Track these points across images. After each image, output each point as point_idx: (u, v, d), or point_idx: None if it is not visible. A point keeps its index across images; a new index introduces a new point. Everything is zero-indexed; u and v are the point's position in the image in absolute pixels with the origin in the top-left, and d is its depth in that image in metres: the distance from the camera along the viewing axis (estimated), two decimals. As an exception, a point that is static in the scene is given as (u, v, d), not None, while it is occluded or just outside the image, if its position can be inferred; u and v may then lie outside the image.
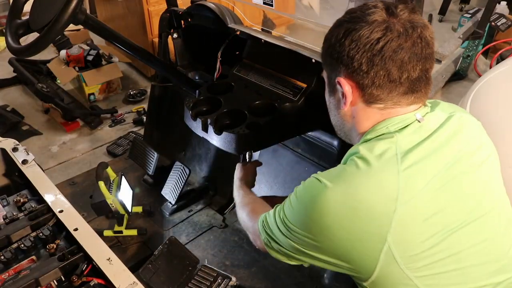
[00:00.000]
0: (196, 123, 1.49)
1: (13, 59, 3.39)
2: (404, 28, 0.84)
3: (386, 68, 0.84)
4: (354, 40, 0.85)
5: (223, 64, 1.77)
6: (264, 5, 1.67)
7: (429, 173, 0.85)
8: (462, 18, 3.91)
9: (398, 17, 0.85)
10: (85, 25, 1.45)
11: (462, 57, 3.40)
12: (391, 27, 0.83)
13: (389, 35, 0.83)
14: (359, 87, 0.88)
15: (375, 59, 0.84)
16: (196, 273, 1.64)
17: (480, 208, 0.90)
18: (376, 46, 0.83)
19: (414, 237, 0.82)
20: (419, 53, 0.85)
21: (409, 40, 0.84)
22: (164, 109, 2.25)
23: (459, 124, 0.95)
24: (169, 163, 2.15)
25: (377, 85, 0.86)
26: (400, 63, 0.84)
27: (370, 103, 0.90)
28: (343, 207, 0.81)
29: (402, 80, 0.85)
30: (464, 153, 0.92)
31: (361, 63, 0.85)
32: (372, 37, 0.83)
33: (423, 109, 0.92)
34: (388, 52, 0.83)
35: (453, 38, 3.20)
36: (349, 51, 0.86)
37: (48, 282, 1.09)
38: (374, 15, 0.84)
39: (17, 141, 1.52)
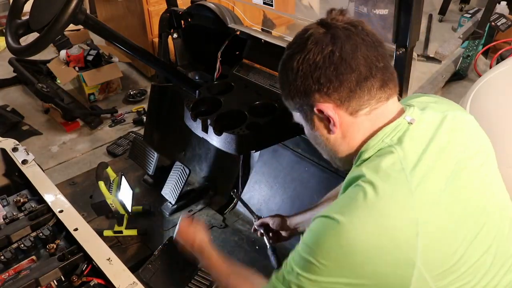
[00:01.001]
0: (196, 123, 1.49)
1: (13, 59, 3.39)
2: (347, 29, 0.83)
3: (355, 70, 0.82)
4: (312, 64, 0.83)
5: (223, 64, 1.77)
6: (264, 5, 1.67)
7: (439, 186, 0.83)
8: (462, 18, 3.91)
9: (336, 24, 0.84)
10: (85, 25, 1.45)
11: (462, 57, 3.40)
12: (335, 34, 0.83)
13: (339, 42, 0.82)
14: (340, 103, 0.85)
15: (341, 68, 0.82)
16: (196, 273, 1.64)
17: (485, 214, 0.89)
18: (334, 57, 0.82)
19: (440, 255, 0.80)
20: (372, 43, 0.84)
21: (358, 37, 0.83)
22: (164, 109, 2.25)
23: (455, 126, 0.93)
24: (169, 163, 2.15)
25: (354, 91, 0.84)
26: (363, 59, 0.83)
27: (355, 113, 0.86)
28: (366, 241, 0.76)
29: (373, 73, 0.84)
30: (465, 157, 0.90)
31: (330, 80, 0.83)
32: (325, 52, 0.82)
33: (409, 110, 0.91)
34: (347, 56, 0.82)
35: (453, 38, 3.21)
36: (313, 77, 0.84)
37: (48, 282, 1.09)
38: (314, 35, 0.84)
39: (17, 141, 1.52)
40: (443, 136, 0.89)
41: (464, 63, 3.42)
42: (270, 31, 1.87)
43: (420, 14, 1.15)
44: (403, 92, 1.30)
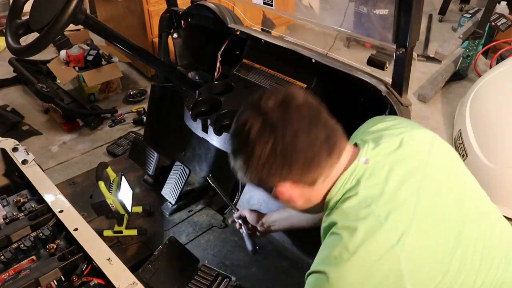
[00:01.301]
0: (196, 123, 1.50)
1: (13, 59, 3.39)
2: (280, 116, 0.85)
3: (300, 154, 0.85)
4: (260, 158, 0.86)
5: (223, 64, 1.77)
6: (264, 5, 1.68)
7: (407, 211, 0.85)
8: (462, 18, 3.91)
9: (268, 111, 0.86)
10: (85, 25, 1.45)
11: (462, 57, 3.41)
12: (273, 124, 0.85)
13: (279, 132, 0.84)
14: (296, 181, 0.89)
15: (287, 157, 0.85)
16: (196, 273, 1.64)
17: (461, 218, 0.91)
18: (278, 149, 0.84)
19: (427, 272, 0.84)
20: (309, 117, 0.86)
21: (295, 119, 0.85)
22: (164, 109, 2.25)
23: (413, 145, 0.95)
24: (169, 163, 2.14)
25: (305, 169, 0.87)
26: (305, 141, 0.85)
27: (313, 184, 0.90)
28: (357, 283, 0.81)
29: (318, 149, 0.86)
30: (428, 172, 0.92)
31: (281, 168, 0.86)
32: (269, 146, 0.84)
33: (363, 149, 0.93)
34: (290, 145, 0.84)
35: (453, 38, 3.21)
36: (264, 168, 0.87)
37: (48, 282, 1.09)
38: (253, 129, 0.86)
39: (17, 141, 1.52)
40: (402, 160, 0.92)
41: (464, 63, 3.42)
42: (270, 31, 1.87)
43: (420, 14, 1.15)
44: (403, 92, 1.30)
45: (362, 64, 1.40)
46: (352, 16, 3.65)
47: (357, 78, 1.36)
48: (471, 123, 2.61)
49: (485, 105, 2.68)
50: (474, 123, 2.59)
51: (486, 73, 2.96)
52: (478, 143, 2.46)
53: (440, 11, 4.41)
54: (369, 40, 3.55)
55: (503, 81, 2.71)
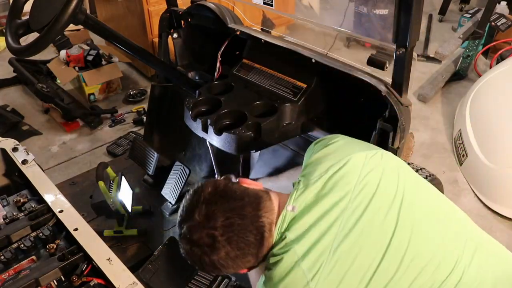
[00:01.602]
0: (196, 123, 1.49)
1: (13, 59, 3.39)
2: (211, 246, 0.95)
3: (240, 261, 0.98)
4: (213, 270, 0.99)
5: (223, 64, 1.77)
6: (264, 5, 1.67)
7: (327, 247, 0.93)
8: (462, 18, 3.91)
9: (200, 242, 0.95)
10: (85, 25, 1.45)
11: (462, 57, 3.41)
12: (209, 254, 0.95)
13: (215, 256, 0.95)
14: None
15: (230, 269, 0.99)
16: (196, 273, 1.64)
17: (385, 242, 0.94)
18: (222, 265, 0.97)
19: None
20: (236, 240, 0.95)
21: (222, 246, 0.95)
22: (164, 109, 2.25)
23: (341, 176, 0.99)
24: (169, 163, 2.15)
25: (250, 264, 1.01)
26: (239, 255, 0.96)
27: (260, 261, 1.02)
28: None
29: (252, 250, 0.97)
30: (352, 208, 0.96)
31: (231, 270, 1.00)
32: (212, 265, 0.97)
33: (292, 196, 1.01)
34: (227, 261, 0.97)
35: (453, 38, 3.21)
36: (220, 273, 1.04)
37: (48, 282, 1.09)
38: (195, 256, 0.97)
39: (17, 141, 1.52)
40: (327, 198, 0.97)
41: (464, 63, 3.42)
42: (270, 31, 1.87)
43: (420, 14, 1.15)
44: (403, 92, 1.30)
45: (362, 64, 1.40)
46: (352, 16, 3.65)
47: (357, 78, 1.36)
48: (471, 123, 2.61)
49: (485, 105, 2.68)
50: (474, 123, 2.59)
51: (486, 73, 2.96)
52: (478, 143, 2.46)
53: (440, 11, 4.41)
54: (369, 40, 3.55)
55: (503, 81, 2.71)
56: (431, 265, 0.93)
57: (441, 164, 2.63)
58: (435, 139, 2.85)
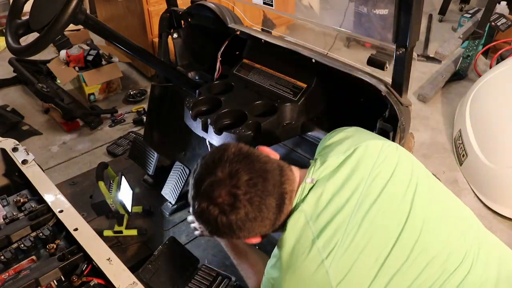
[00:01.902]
0: (196, 123, 1.49)
1: (13, 59, 3.39)
2: (232, 205, 0.93)
3: (256, 226, 0.96)
4: (225, 231, 0.97)
5: (223, 64, 1.77)
6: (264, 5, 1.67)
7: (343, 225, 0.93)
8: (462, 18, 3.91)
9: (220, 200, 0.93)
10: (85, 25, 1.45)
11: (462, 57, 3.41)
12: (228, 212, 0.93)
13: (233, 216, 0.93)
14: (256, 236, 1.02)
15: (245, 232, 0.97)
16: (196, 273, 1.64)
17: (398, 229, 0.94)
18: (238, 227, 0.95)
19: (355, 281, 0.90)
20: (258, 200, 0.94)
21: (243, 206, 0.93)
22: (164, 109, 2.25)
23: (364, 155, 1.01)
24: (169, 163, 2.15)
25: (265, 230, 0.99)
26: (257, 218, 0.95)
27: (273, 231, 1.01)
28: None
29: (271, 216, 0.96)
30: (369, 188, 0.97)
31: (244, 236, 0.98)
32: (228, 226, 0.94)
33: (310, 169, 1.01)
34: (245, 223, 0.95)
35: (453, 38, 3.21)
36: (228, 236, 0.99)
37: (48, 282, 1.09)
38: (212, 215, 0.94)
39: (17, 141, 1.52)
40: (346, 175, 0.98)
41: (464, 63, 3.42)
42: (270, 31, 1.87)
43: (420, 14, 1.15)
44: (403, 92, 1.30)
45: (362, 64, 1.40)
46: (352, 16, 3.65)
47: (357, 78, 1.36)
48: (471, 123, 2.61)
49: (485, 105, 2.68)
50: (474, 123, 2.59)
51: (486, 73, 2.96)
52: (478, 143, 2.46)
53: (440, 11, 4.41)
54: (369, 40, 3.55)
55: (503, 81, 2.71)
56: (440, 256, 0.93)
57: (441, 164, 2.63)
58: (435, 139, 2.85)
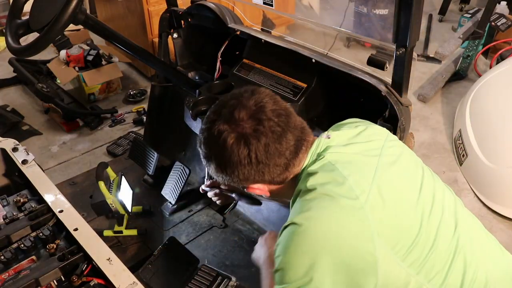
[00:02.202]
0: (196, 122, 1.50)
1: (13, 59, 3.39)
2: (253, 128, 0.91)
3: (271, 164, 0.94)
4: (234, 163, 0.93)
5: (223, 64, 1.77)
6: (264, 5, 1.67)
7: (370, 172, 0.93)
8: (462, 18, 3.91)
9: (241, 124, 0.91)
10: (85, 25, 1.45)
11: (462, 57, 3.41)
12: (246, 136, 0.91)
13: (253, 143, 0.91)
14: (267, 184, 1.00)
15: (260, 166, 0.93)
16: (196, 273, 1.64)
17: (423, 199, 0.97)
18: (252, 159, 0.92)
19: (395, 228, 0.88)
20: (279, 131, 0.93)
21: (265, 130, 0.91)
22: (164, 109, 2.25)
23: (371, 134, 1.05)
24: (169, 163, 2.15)
25: (276, 175, 0.96)
26: (277, 150, 0.93)
27: (282, 182, 0.99)
28: (325, 227, 0.86)
29: (288, 155, 0.95)
30: (384, 155, 1.00)
31: (253, 173, 0.94)
32: (243, 155, 0.91)
33: (325, 132, 1.04)
34: (262, 153, 0.91)
35: (453, 38, 3.21)
36: (238, 172, 0.94)
37: (48, 282, 1.09)
38: (228, 141, 0.91)
39: (17, 141, 1.52)
40: (361, 139, 1.02)
41: (464, 63, 3.42)
42: (270, 31, 1.87)
43: (420, 14, 1.15)
44: (403, 92, 1.30)
45: (362, 64, 1.40)
46: (352, 16, 3.66)
47: (357, 78, 1.36)
48: (471, 123, 2.61)
49: (485, 105, 2.68)
50: (474, 123, 2.59)
51: (486, 73, 2.96)
52: (478, 143, 2.46)
53: (440, 11, 4.41)
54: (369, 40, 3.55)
55: (503, 81, 2.71)
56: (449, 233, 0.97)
57: (441, 164, 2.63)
58: (435, 139, 2.85)
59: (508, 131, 2.38)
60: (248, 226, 1.89)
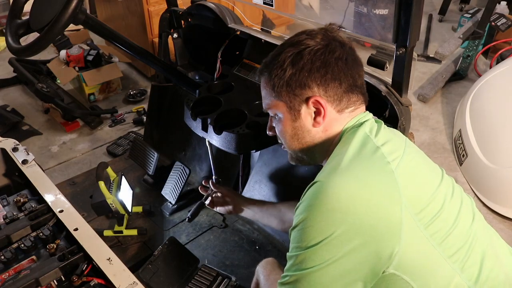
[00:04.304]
0: (196, 122, 1.50)
1: (13, 59, 3.38)
2: (349, 46, 0.99)
3: (353, 77, 0.98)
4: (323, 60, 0.96)
5: (223, 64, 1.77)
6: (264, 5, 1.68)
7: (400, 147, 0.97)
8: (462, 18, 3.91)
9: (342, 38, 0.99)
10: (85, 25, 1.45)
11: (462, 57, 3.41)
12: (343, 43, 0.98)
13: (346, 49, 0.97)
14: (332, 100, 0.98)
15: (344, 72, 0.97)
16: (196, 273, 1.64)
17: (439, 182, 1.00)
18: (342, 61, 0.96)
19: (417, 190, 0.91)
20: (352, 60, 0.99)
21: (342, 48, 0.97)
22: (164, 109, 2.25)
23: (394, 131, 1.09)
24: (169, 163, 2.15)
25: (347, 92, 0.98)
26: (356, 70, 0.99)
27: (342, 111, 1.00)
28: (353, 186, 0.85)
29: (359, 84, 1.00)
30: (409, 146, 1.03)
31: (334, 79, 0.96)
32: (336, 54, 0.96)
33: None
34: (351, 64, 0.98)
35: (453, 38, 3.21)
36: (319, 72, 0.95)
37: (48, 282, 1.09)
38: (325, 35, 0.98)
39: (17, 141, 1.52)
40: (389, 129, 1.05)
41: (464, 63, 3.42)
42: (270, 31, 1.87)
43: (420, 14, 1.15)
44: (403, 92, 1.30)
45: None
46: (352, 16, 3.66)
47: (357, 78, 1.36)
48: (471, 123, 2.61)
49: (485, 105, 2.68)
50: (474, 123, 2.59)
51: (486, 73, 2.96)
52: (478, 143, 2.46)
53: (440, 11, 4.41)
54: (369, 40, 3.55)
55: (503, 81, 2.71)
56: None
57: (441, 164, 2.60)
58: (435, 139, 2.85)
59: (508, 131, 2.38)
60: (248, 226, 1.89)
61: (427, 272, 0.88)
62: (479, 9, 3.78)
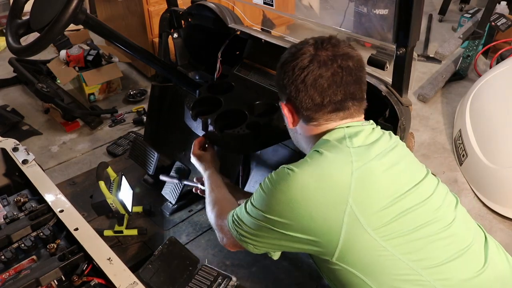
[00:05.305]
0: (196, 123, 1.50)
1: (13, 59, 3.38)
2: (325, 60, 1.00)
3: (309, 94, 1.01)
4: (286, 71, 1.04)
5: (223, 64, 1.77)
6: (264, 5, 1.68)
7: (376, 149, 1.01)
8: (462, 18, 3.91)
9: (323, 51, 1.01)
10: (85, 25, 1.45)
11: (462, 57, 3.41)
12: (314, 59, 1.00)
13: (311, 66, 1.00)
14: (295, 110, 1.06)
15: (300, 87, 1.01)
16: (196, 273, 1.63)
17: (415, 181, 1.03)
18: (300, 75, 1.01)
19: (371, 195, 0.95)
20: (339, 81, 1.00)
21: (329, 70, 1.00)
22: (164, 109, 2.25)
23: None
24: (169, 163, 2.15)
25: (305, 108, 1.03)
26: (320, 89, 1.00)
27: (306, 122, 1.06)
28: (309, 181, 0.94)
29: (325, 103, 1.02)
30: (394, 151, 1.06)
31: (291, 90, 1.03)
32: (298, 67, 1.01)
33: None
34: (309, 80, 1.00)
35: (453, 38, 3.22)
36: (283, 80, 1.05)
37: (48, 282, 1.09)
38: (303, 49, 1.02)
39: (17, 141, 1.52)
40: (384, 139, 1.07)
41: (464, 63, 3.42)
42: (270, 31, 1.87)
43: (420, 14, 1.15)
44: (404, 92, 1.30)
45: (362, 64, 1.40)
46: (352, 16, 3.66)
47: (357, 78, 1.36)
48: (471, 123, 2.61)
49: (485, 105, 2.68)
50: (474, 123, 2.59)
51: (486, 73, 2.96)
52: (478, 143, 2.46)
53: (440, 11, 4.41)
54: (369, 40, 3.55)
55: (503, 81, 2.71)
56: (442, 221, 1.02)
57: (441, 164, 2.63)
58: (435, 139, 2.85)
59: (508, 131, 2.38)
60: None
61: (379, 269, 0.95)
62: (479, 9, 3.78)
